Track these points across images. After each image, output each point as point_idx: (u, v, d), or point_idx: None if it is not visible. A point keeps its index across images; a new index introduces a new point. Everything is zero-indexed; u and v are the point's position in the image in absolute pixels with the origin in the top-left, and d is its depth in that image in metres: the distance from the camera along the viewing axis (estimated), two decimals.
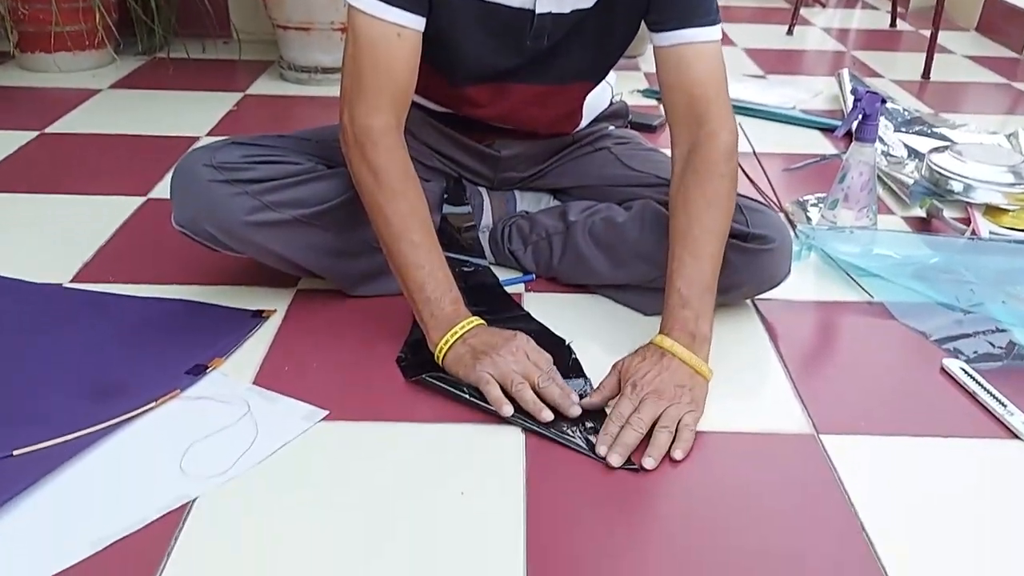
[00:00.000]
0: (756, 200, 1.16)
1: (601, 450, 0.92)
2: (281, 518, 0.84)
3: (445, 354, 1.00)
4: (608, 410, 0.97)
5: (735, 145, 1.06)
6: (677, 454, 0.92)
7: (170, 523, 0.83)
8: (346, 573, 0.78)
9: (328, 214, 1.10)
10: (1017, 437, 0.98)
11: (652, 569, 0.80)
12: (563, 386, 0.98)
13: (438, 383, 1.00)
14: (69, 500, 0.85)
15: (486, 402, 0.96)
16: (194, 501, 0.85)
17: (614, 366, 1.00)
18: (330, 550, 0.81)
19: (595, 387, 1.01)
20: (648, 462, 0.90)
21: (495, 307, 1.16)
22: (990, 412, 1.01)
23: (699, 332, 0.99)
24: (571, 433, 0.95)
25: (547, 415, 0.94)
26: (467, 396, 0.98)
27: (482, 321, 1.02)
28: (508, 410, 0.94)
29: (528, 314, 1.17)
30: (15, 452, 0.88)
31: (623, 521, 0.86)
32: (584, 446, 0.93)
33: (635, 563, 0.80)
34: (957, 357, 1.11)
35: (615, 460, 0.90)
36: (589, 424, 0.96)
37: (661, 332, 1.00)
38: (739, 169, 1.05)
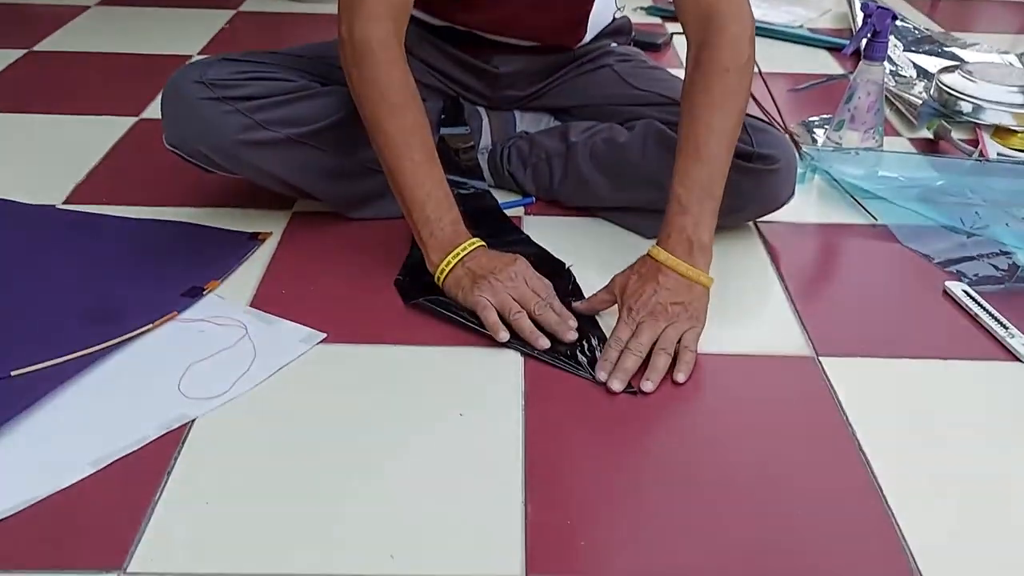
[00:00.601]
0: (761, 119, 1.14)
1: (601, 375, 0.91)
2: (281, 439, 0.84)
3: (445, 277, 0.99)
4: (608, 334, 0.97)
5: (747, 37, 0.99)
6: (679, 377, 0.91)
7: (170, 443, 0.83)
8: (346, 493, 0.79)
9: (323, 133, 1.08)
10: (1017, 359, 0.98)
11: (650, 487, 0.80)
12: (561, 311, 0.97)
13: (436, 307, 0.99)
14: (68, 420, 0.85)
15: (483, 327, 0.95)
16: (193, 421, 0.85)
17: (611, 280, 0.99)
18: (330, 470, 0.81)
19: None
20: (647, 385, 0.90)
21: (494, 231, 1.15)
22: (991, 334, 1.01)
23: (697, 239, 0.95)
24: (568, 358, 0.94)
25: (544, 343, 0.94)
26: (463, 320, 0.97)
27: (482, 243, 1.01)
28: (504, 336, 0.94)
29: (528, 237, 1.16)
30: (13, 373, 0.88)
31: (621, 440, 0.86)
32: (584, 370, 0.93)
33: (633, 481, 0.81)
34: (960, 280, 1.10)
35: (616, 385, 0.90)
36: (588, 347, 0.96)
37: (658, 242, 0.97)
38: (754, 64, 1.00)
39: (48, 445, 0.82)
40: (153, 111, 1.49)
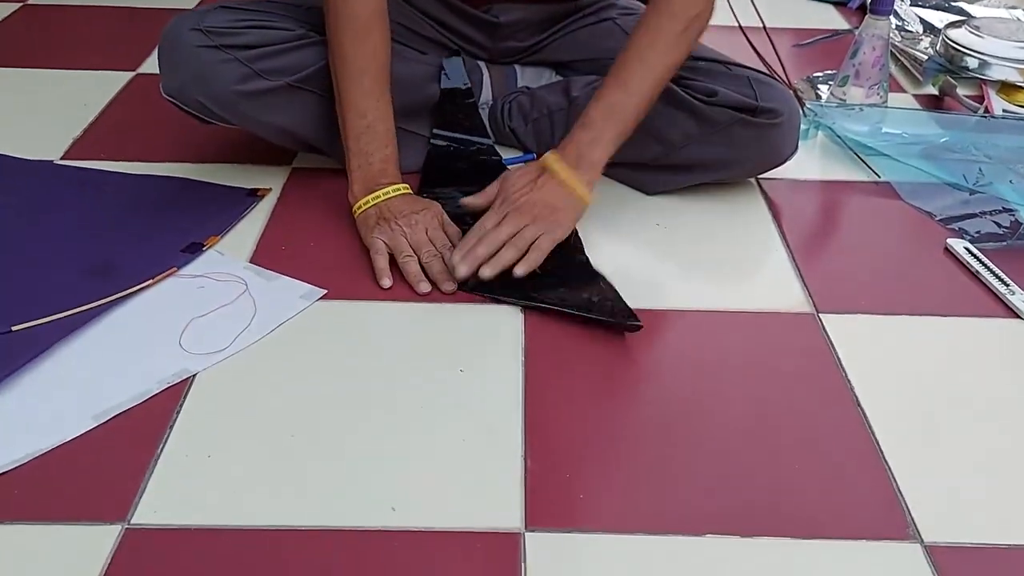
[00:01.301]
0: (765, 73, 1.13)
1: (455, 258, 0.94)
2: (282, 394, 0.85)
3: (358, 214, 1.01)
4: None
5: None
6: (518, 271, 0.93)
7: (172, 397, 0.83)
8: (346, 447, 0.79)
9: (320, 76, 1.07)
10: (1018, 316, 0.98)
11: (649, 441, 0.81)
12: (450, 263, 0.97)
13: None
14: (70, 374, 0.85)
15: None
16: (195, 376, 0.86)
17: (500, 175, 1.01)
18: (330, 425, 0.82)
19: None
20: (485, 272, 0.93)
21: None
22: (992, 291, 1.01)
23: (589, 156, 0.97)
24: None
25: (424, 287, 0.95)
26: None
27: (408, 189, 1.02)
28: (386, 283, 0.96)
29: None
30: (14, 328, 0.88)
31: (620, 395, 0.87)
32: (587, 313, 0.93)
33: (632, 435, 0.81)
34: (961, 237, 1.10)
35: (463, 270, 0.93)
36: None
37: (552, 150, 1.00)
38: (708, 17, 1.02)
39: (50, 399, 0.82)
40: (150, 66, 1.48)
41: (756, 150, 1.09)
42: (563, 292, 0.96)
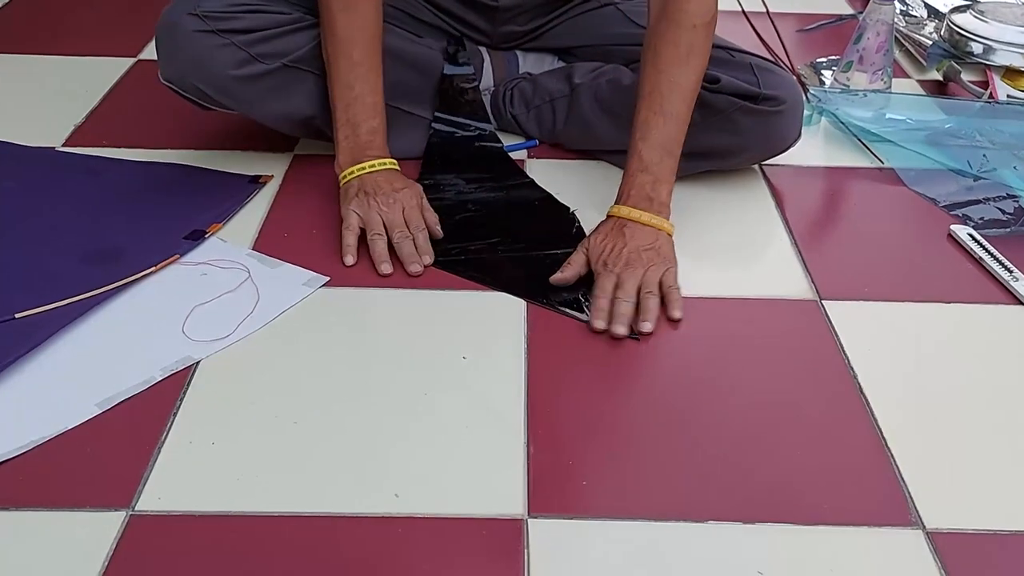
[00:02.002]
0: (768, 60, 1.12)
1: (599, 324, 0.90)
2: (285, 381, 0.85)
3: (343, 184, 1.01)
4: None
5: None
6: (676, 314, 0.92)
7: (175, 384, 0.83)
8: (349, 435, 0.80)
9: (316, 57, 1.06)
10: (1021, 303, 0.97)
11: (651, 428, 0.81)
12: (421, 246, 0.98)
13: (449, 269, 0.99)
14: (73, 362, 0.85)
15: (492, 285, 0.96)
16: (198, 364, 0.86)
17: (580, 244, 0.98)
18: (333, 412, 0.82)
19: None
20: (645, 327, 0.90)
21: (498, 174, 1.14)
22: (995, 278, 1.01)
23: (656, 197, 0.96)
24: (565, 299, 0.95)
25: (386, 268, 0.96)
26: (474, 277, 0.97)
27: (394, 164, 1.02)
28: (349, 261, 0.97)
29: (532, 181, 1.15)
30: (17, 315, 0.88)
31: (623, 383, 0.87)
32: (580, 313, 0.93)
33: (634, 422, 0.82)
34: (965, 223, 1.10)
35: (621, 330, 0.89)
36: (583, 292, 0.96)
37: (618, 200, 0.98)
38: (715, 25, 1.00)
39: (54, 387, 0.83)
40: (151, 52, 1.45)
41: (759, 137, 1.09)
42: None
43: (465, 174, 1.09)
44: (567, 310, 0.94)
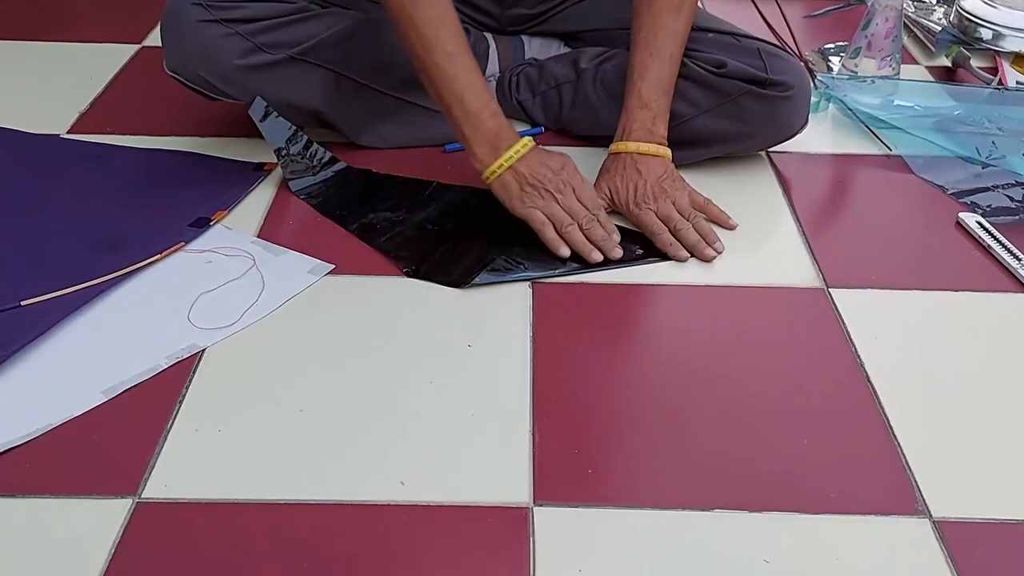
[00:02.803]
0: (775, 45, 1.12)
1: (683, 254, 0.98)
2: (290, 369, 0.85)
3: (494, 179, 0.99)
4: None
5: None
6: (732, 223, 1.03)
7: (181, 372, 0.84)
8: (355, 422, 0.80)
9: (321, 49, 1.06)
10: None
11: (657, 416, 0.81)
12: (606, 223, 0.99)
13: (495, 279, 0.96)
14: (79, 349, 0.85)
15: (541, 269, 0.97)
16: (203, 351, 0.86)
17: (595, 184, 1.04)
18: (338, 400, 0.82)
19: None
20: (719, 246, 0.99)
21: (410, 191, 1.10)
22: (1004, 266, 1.00)
23: (656, 132, 1.02)
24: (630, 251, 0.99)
25: (596, 256, 0.96)
26: (526, 274, 0.96)
27: (532, 143, 1.01)
28: (565, 252, 0.96)
29: (437, 183, 1.11)
30: (23, 303, 0.88)
31: (629, 370, 0.87)
32: (650, 255, 0.99)
33: (640, 410, 0.81)
34: (973, 211, 1.09)
35: (711, 252, 0.98)
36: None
37: (620, 136, 1.03)
38: None
39: (60, 374, 0.83)
40: (155, 38, 1.46)
41: (766, 123, 1.08)
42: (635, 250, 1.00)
43: (382, 208, 1.06)
44: (637, 262, 0.98)
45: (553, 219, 0.97)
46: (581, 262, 0.97)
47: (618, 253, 0.97)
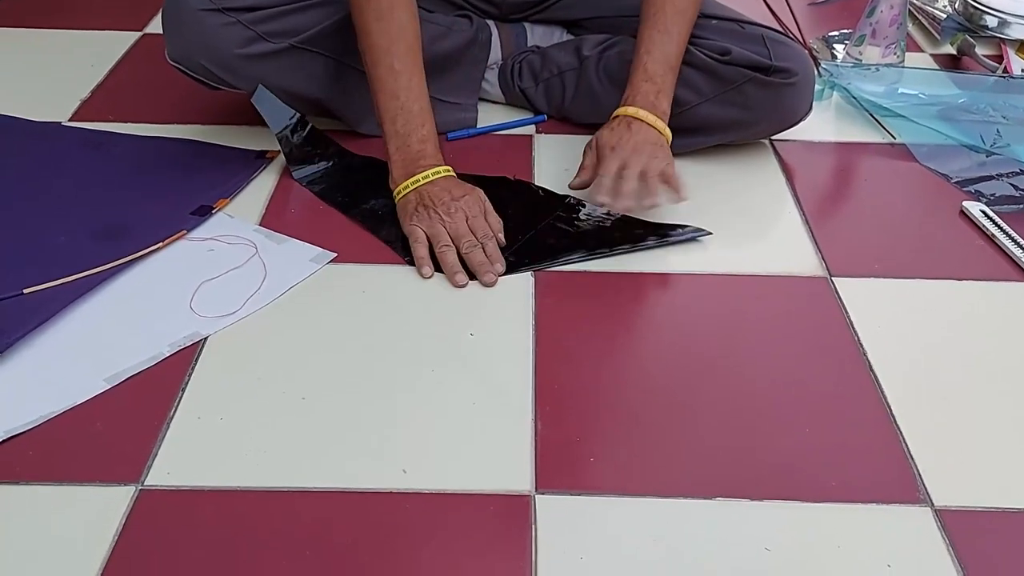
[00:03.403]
0: (779, 32, 1.11)
1: (602, 199, 0.97)
2: (293, 357, 0.85)
3: (399, 200, 0.99)
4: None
5: None
6: (684, 194, 0.99)
7: (183, 360, 0.84)
8: (358, 410, 0.80)
9: (322, 37, 1.06)
10: None
11: (659, 404, 0.81)
12: (492, 254, 0.95)
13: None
14: (82, 337, 0.86)
15: (546, 259, 0.96)
16: (206, 339, 0.86)
17: (587, 145, 1.03)
18: (341, 388, 0.82)
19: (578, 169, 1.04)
20: (650, 200, 0.97)
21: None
22: (1008, 255, 1.00)
23: (659, 106, 1.02)
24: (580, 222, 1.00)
25: (461, 279, 0.93)
26: (533, 265, 0.96)
27: (449, 171, 0.99)
28: (427, 272, 0.94)
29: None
30: (25, 291, 0.88)
31: (631, 359, 0.87)
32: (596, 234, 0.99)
33: (642, 399, 0.81)
34: (977, 199, 1.09)
35: (626, 202, 0.97)
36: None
37: (624, 104, 1.02)
38: None
39: (62, 362, 0.83)
40: (156, 26, 1.46)
41: (769, 110, 1.08)
42: (614, 235, 0.99)
43: (385, 194, 1.05)
44: (640, 245, 0.98)
45: (431, 238, 0.95)
46: (585, 249, 0.97)
47: (491, 279, 0.93)
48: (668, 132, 1.02)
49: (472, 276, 0.94)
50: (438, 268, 0.95)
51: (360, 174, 1.09)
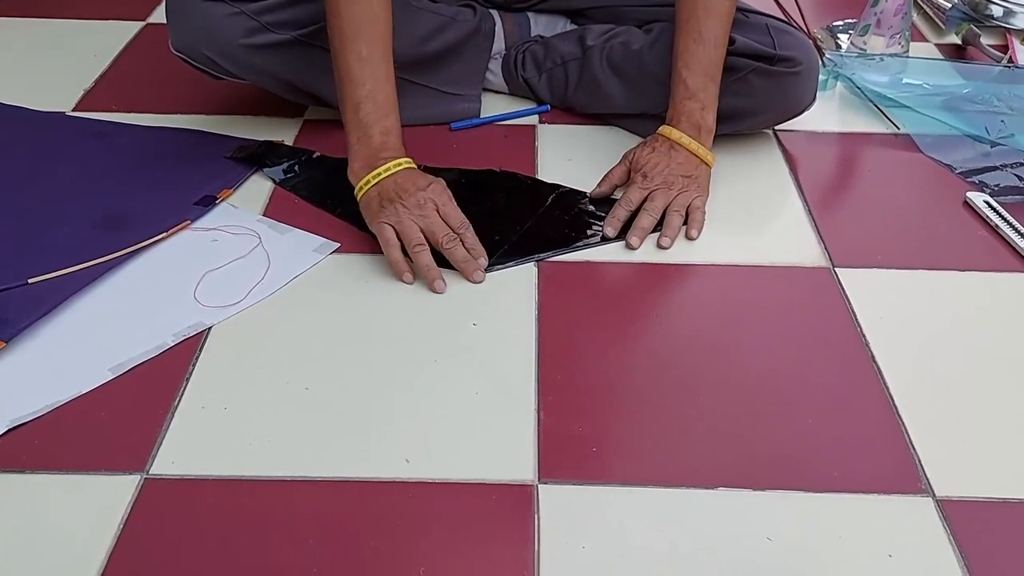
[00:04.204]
0: (783, 21, 1.11)
1: (608, 231, 0.97)
2: (296, 347, 0.85)
3: (361, 195, 0.95)
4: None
5: None
6: (693, 233, 0.98)
7: (187, 350, 0.84)
8: (361, 400, 0.80)
9: (326, 32, 1.05)
10: None
11: (662, 395, 0.81)
12: (472, 246, 0.92)
13: (505, 263, 0.94)
14: (86, 327, 0.86)
15: (549, 248, 0.97)
16: (210, 329, 0.86)
17: (624, 156, 1.03)
18: (344, 377, 0.82)
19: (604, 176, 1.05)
20: (665, 241, 0.96)
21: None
22: (1011, 246, 1.00)
23: (705, 123, 1.01)
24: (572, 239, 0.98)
25: (439, 286, 0.90)
26: (535, 255, 0.95)
27: (411, 163, 0.95)
28: (408, 279, 0.91)
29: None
30: (30, 280, 0.89)
31: (634, 349, 0.87)
32: (596, 238, 0.98)
33: (645, 389, 0.82)
34: (981, 190, 1.08)
35: (636, 242, 0.96)
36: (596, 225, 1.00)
37: (668, 123, 1.02)
38: None
39: (67, 351, 0.83)
40: (160, 15, 1.46)
41: (773, 99, 1.08)
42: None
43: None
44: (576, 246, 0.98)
45: (403, 237, 0.90)
46: (580, 238, 0.97)
47: (480, 277, 0.91)
48: (711, 157, 1.01)
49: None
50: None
51: (342, 173, 1.08)
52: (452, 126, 1.18)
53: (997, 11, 1.45)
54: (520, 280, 0.93)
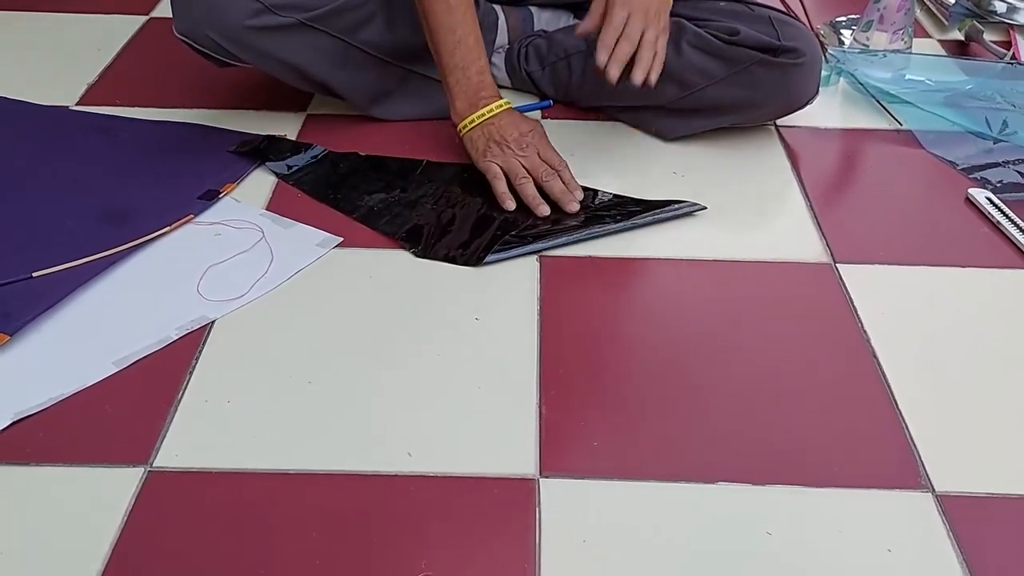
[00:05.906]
0: (786, 13, 1.11)
1: (600, 58, 0.98)
2: (299, 340, 0.85)
3: (465, 132, 1.03)
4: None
5: None
6: (653, 78, 1.00)
7: (191, 343, 0.84)
8: (363, 393, 0.80)
9: (334, 16, 1.06)
10: None
11: (663, 390, 0.81)
12: (569, 181, 1.01)
13: (505, 254, 0.95)
14: (90, 321, 0.86)
15: (549, 240, 0.97)
16: (213, 323, 0.87)
17: None
18: (347, 371, 0.82)
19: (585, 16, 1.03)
20: (637, 76, 0.98)
21: (399, 170, 1.09)
22: (1013, 242, 1.00)
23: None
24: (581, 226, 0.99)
25: (544, 209, 0.98)
26: (534, 246, 0.96)
27: (509, 104, 1.04)
28: (510, 205, 0.99)
29: (426, 161, 1.10)
30: (35, 274, 0.89)
31: (636, 344, 0.87)
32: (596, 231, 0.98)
33: (646, 384, 0.82)
34: (983, 187, 1.08)
35: (614, 72, 0.97)
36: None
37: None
38: None
39: (71, 345, 0.83)
40: (163, 10, 1.46)
41: (777, 91, 1.08)
42: (611, 212, 1.00)
43: (376, 188, 1.05)
44: (634, 221, 0.99)
45: (508, 172, 1.00)
46: (583, 228, 0.98)
47: (574, 207, 0.99)
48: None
49: (553, 207, 0.99)
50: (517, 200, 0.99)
51: (344, 167, 1.08)
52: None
53: (1000, 7, 1.45)
54: (522, 274, 0.94)
